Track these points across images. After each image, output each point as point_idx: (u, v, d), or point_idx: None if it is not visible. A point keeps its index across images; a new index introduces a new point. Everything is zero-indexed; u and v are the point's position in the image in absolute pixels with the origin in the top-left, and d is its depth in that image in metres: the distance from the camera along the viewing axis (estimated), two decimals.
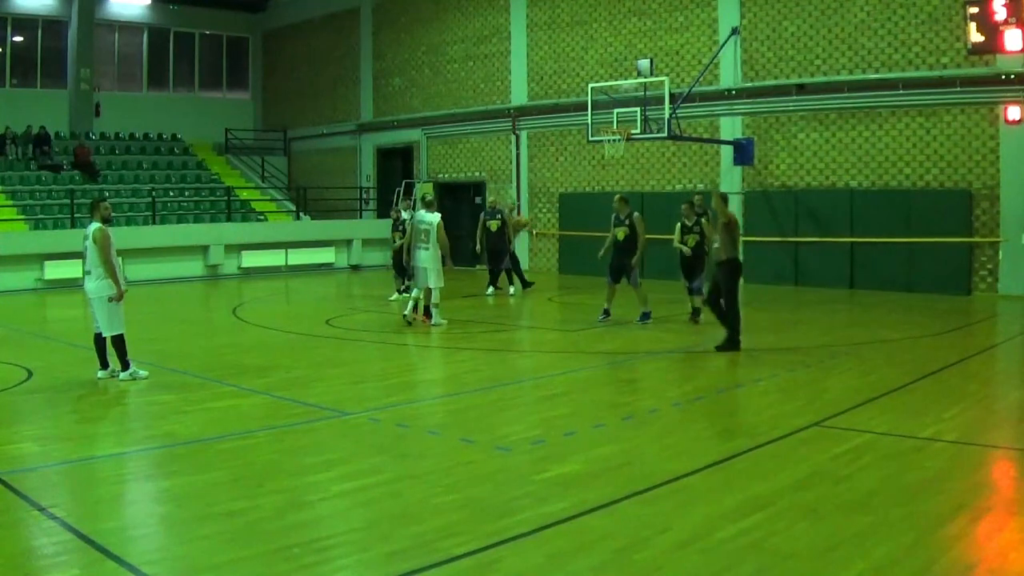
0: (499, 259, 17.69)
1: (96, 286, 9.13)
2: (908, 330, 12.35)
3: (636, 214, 12.87)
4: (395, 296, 16.12)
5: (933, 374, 9.23)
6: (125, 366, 9.15)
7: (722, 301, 10.73)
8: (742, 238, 18.67)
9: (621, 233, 12.76)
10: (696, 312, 13.03)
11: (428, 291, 13.05)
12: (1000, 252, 16.07)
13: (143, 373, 9.25)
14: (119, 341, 9.12)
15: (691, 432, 7.37)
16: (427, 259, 12.82)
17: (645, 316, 12.88)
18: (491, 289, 17.40)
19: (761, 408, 8.07)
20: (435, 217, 12.99)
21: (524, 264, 23.42)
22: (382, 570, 4.44)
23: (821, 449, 6.49)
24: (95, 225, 9.19)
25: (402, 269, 15.65)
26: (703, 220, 12.85)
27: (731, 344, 10.64)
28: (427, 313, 13.18)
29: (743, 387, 9.10)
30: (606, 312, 13.09)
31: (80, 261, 9.62)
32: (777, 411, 7.81)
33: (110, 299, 9.05)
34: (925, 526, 4.89)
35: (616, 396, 8.62)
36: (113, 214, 24.15)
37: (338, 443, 6.97)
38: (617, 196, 13.25)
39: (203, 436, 7.06)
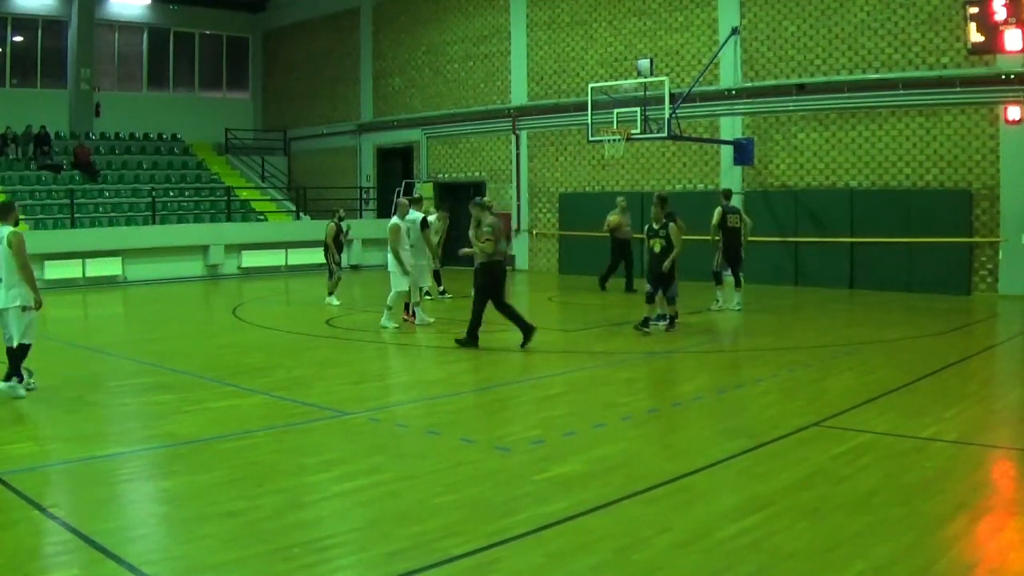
0: None
1: (8, 295, 8.30)
2: (908, 330, 12.35)
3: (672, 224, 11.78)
4: (336, 302, 15.81)
5: (933, 374, 9.23)
6: (16, 375, 8.31)
7: (506, 303, 11.05)
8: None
9: (657, 244, 11.94)
10: (670, 319, 12.30)
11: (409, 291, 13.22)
12: (1000, 252, 16.07)
13: (22, 393, 8.31)
14: (24, 351, 8.36)
15: (691, 432, 7.37)
16: (413, 258, 13.07)
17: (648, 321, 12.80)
18: None
19: (761, 408, 8.07)
20: (417, 216, 13.32)
21: (524, 264, 23.49)
22: (382, 570, 4.44)
23: (821, 449, 6.49)
24: (8, 229, 8.49)
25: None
26: (671, 225, 11.83)
27: (472, 339, 11.01)
28: (405, 309, 13.29)
29: (743, 387, 9.09)
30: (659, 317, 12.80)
31: (81, 262, 9.41)
32: (777, 411, 7.81)
33: (25, 308, 8.29)
34: (925, 526, 4.89)
35: (616, 396, 8.61)
36: (112, 213, 24.23)
37: (338, 443, 6.97)
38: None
39: (203, 436, 7.06)
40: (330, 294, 15.99)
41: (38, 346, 12.12)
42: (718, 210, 14.36)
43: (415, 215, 13.36)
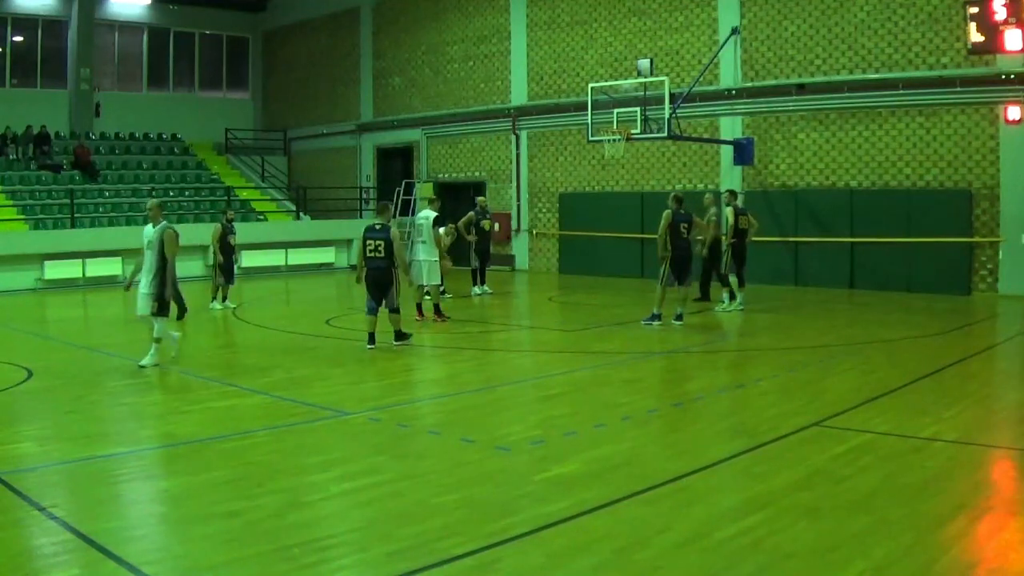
0: (488, 258, 17.83)
1: None
2: (908, 330, 12.35)
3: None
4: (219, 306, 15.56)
5: (933, 374, 9.23)
6: None
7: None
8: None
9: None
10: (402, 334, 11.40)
11: (434, 288, 13.39)
12: (1000, 252, 16.06)
13: None
14: None
15: (691, 432, 7.37)
16: (423, 253, 13.41)
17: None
18: (478, 289, 17.41)
19: (761, 408, 8.06)
20: (430, 214, 13.62)
21: (524, 264, 23.50)
22: (382, 570, 4.44)
23: (821, 449, 6.49)
24: None
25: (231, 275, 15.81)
26: (694, 217, 11.94)
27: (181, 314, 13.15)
28: (437, 311, 13.38)
29: (743, 387, 9.09)
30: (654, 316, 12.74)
31: (81, 262, 9.43)
32: (777, 411, 7.80)
33: None
34: (925, 526, 4.89)
35: (616, 396, 8.61)
36: (112, 213, 24.15)
37: (338, 443, 6.97)
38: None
39: (203, 436, 7.05)
40: (214, 299, 15.82)
41: (39, 346, 12.20)
42: (730, 210, 14.37)
43: (428, 213, 13.73)
